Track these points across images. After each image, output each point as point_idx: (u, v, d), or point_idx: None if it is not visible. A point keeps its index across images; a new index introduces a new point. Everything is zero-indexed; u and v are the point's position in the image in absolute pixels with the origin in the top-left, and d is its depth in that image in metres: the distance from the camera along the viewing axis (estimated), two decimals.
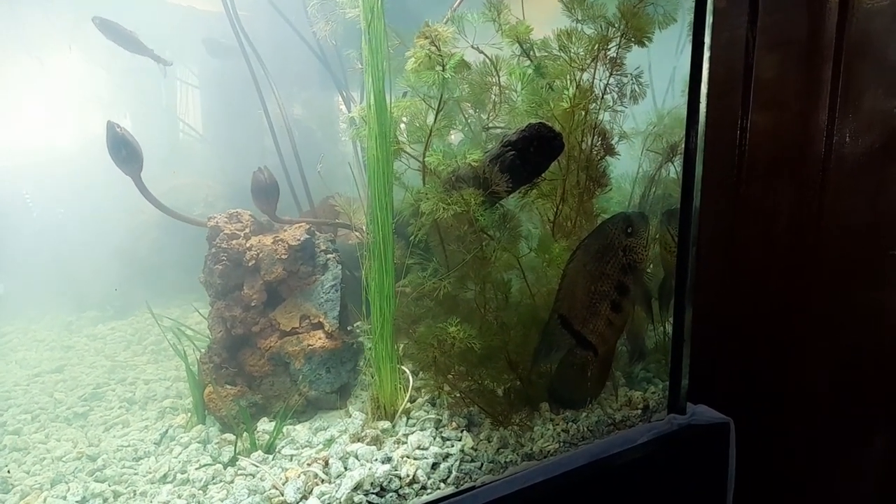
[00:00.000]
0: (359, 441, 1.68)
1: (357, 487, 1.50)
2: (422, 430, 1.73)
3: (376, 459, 1.59)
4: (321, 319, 1.85)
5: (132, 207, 2.77)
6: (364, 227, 1.78)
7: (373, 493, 1.51)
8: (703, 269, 2.12)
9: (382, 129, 1.62)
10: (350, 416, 1.84)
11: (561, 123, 1.78)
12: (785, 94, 2.16)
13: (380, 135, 1.62)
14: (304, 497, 1.49)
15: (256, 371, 1.84)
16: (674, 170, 2.18)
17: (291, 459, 1.67)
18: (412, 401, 1.86)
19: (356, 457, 1.60)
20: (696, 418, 2.04)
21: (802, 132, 2.11)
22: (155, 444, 1.77)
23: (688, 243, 1.99)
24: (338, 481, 1.52)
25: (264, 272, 1.83)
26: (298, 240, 1.84)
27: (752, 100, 2.19)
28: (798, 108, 2.13)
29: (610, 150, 1.93)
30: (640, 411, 1.99)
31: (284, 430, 1.78)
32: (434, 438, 1.70)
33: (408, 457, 1.62)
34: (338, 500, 1.47)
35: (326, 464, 1.58)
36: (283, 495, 1.48)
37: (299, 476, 1.53)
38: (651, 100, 2.20)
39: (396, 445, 1.68)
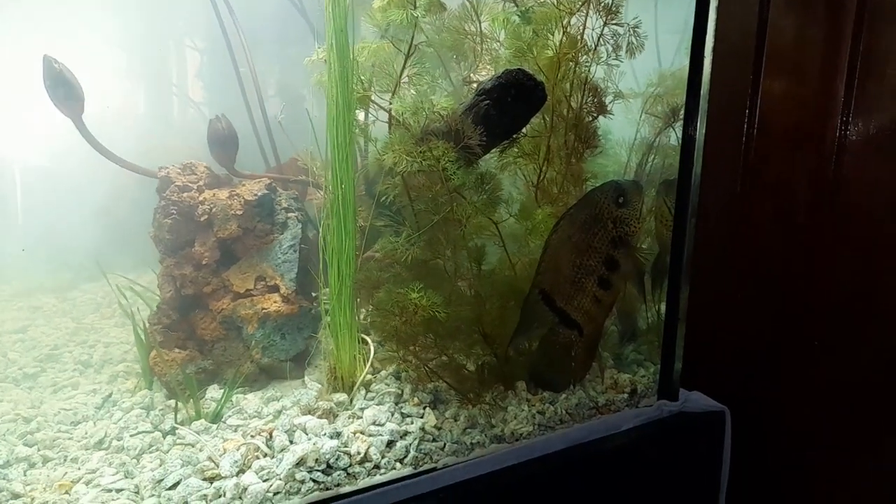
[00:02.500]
0: (310, 413, 1.54)
1: (300, 463, 1.36)
2: (379, 404, 1.59)
3: (325, 434, 1.45)
4: (277, 281, 1.71)
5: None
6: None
7: (317, 471, 1.38)
8: (708, 247, 1.96)
9: (343, 72, 1.47)
10: (306, 387, 1.70)
11: (545, 74, 1.61)
12: (802, 55, 1.97)
13: (340, 78, 1.47)
14: (242, 471, 1.36)
15: (207, 335, 1.71)
16: (675, 136, 2.00)
17: (236, 430, 1.54)
18: (375, 373, 1.72)
19: (304, 430, 1.47)
20: (689, 405, 1.89)
21: (820, 98, 1.93)
22: (96, 408, 1.66)
23: (686, 215, 1.82)
24: (280, 455, 1.39)
25: (217, 228, 1.69)
26: (256, 195, 1.70)
27: (766, 61, 2.00)
28: (816, 71, 1.95)
29: (602, 109, 1.76)
30: (626, 395, 1.83)
31: (234, 398, 1.65)
32: (392, 414, 1.56)
33: (361, 433, 1.48)
34: (278, 476, 1.34)
35: (270, 436, 1.45)
36: (217, 468, 1.35)
37: (238, 448, 1.40)
38: (656, 57, 2.02)
39: (350, 420, 1.54)
